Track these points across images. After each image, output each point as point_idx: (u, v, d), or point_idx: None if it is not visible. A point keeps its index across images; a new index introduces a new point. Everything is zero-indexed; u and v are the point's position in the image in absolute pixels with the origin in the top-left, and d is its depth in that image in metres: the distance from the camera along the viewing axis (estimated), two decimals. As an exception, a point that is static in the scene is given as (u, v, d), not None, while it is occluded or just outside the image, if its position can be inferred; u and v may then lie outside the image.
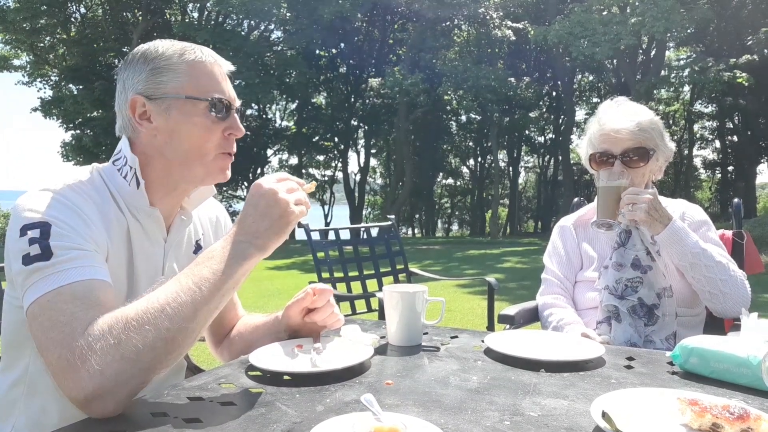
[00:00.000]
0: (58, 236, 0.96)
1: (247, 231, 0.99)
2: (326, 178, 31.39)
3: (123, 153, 1.12)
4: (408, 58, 22.89)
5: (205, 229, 1.34)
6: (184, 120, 1.10)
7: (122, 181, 1.11)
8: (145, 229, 1.14)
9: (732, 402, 0.86)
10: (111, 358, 0.86)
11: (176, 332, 0.90)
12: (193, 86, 1.10)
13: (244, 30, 24.32)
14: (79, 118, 22.03)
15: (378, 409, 0.84)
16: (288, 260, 13.19)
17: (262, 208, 0.99)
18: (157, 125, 1.10)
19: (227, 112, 1.13)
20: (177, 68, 1.10)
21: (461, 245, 18.60)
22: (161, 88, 1.09)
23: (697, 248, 1.61)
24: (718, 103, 24.64)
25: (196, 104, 1.10)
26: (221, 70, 1.16)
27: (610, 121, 1.74)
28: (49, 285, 0.92)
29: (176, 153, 1.11)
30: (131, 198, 1.11)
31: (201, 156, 1.12)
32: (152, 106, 1.10)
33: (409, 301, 1.31)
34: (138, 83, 1.10)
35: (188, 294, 0.92)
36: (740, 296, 1.62)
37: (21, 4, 20.49)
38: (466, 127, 29.54)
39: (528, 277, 9.39)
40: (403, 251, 3.98)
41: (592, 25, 17.47)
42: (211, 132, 1.12)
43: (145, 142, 1.12)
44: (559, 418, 0.89)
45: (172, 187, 1.15)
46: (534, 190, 35.18)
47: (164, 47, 1.12)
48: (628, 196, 1.61)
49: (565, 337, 1.46)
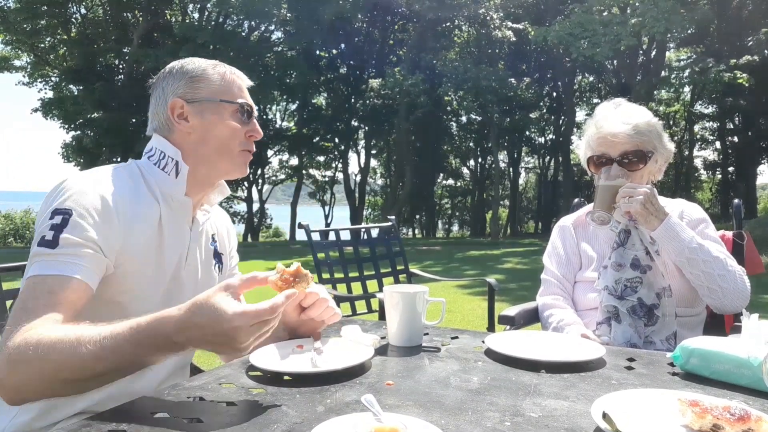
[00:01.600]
0: (74, 227, 1.08)
1: (187, 336, 0.95)
2: (327, 179, 31.41)
3: (158, 148, 1.27)
4: (408, 58, 22.90)
5: (219, 228, 1.47)
6: (217, 120, 1.27)
7: (160, 173, 1.25)
8: (175, 216, 1.27)
9: (733, 403, 0.86)
10: (21, 372, 0.97)
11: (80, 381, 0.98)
12: (225, 92, 1.29)
13: (244, 31, 24.32)
14: (79, 119, 22.01)
15: (378, 410, 0.84)
16: (288, 261, 13.14)
17: (212, 339, 0.94)
18: (192, 124, 1.26)
19: (249, 117, 1.32)
20: (212, 78, 1.29)
21: (462, 246, 18.60)
22: (198, 93, 1.27)
23: (693, 243, 1.61)
24: (718, 104, 24.63)
25: (227, 107, 1.28)
26: (244, 84, 1.35)
27: (607, 124, 1.74)
28: (40, 269, 1.06)
29: (207, 148, 1.27)
30: (169, 187, 1.25)
31: (229, 151, 1.29)
32: (190, 107, 1.27)
33: (410, 301, 1.32)
34: (178, 89, 1.27)
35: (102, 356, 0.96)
36: (739, 291, 1.61)
37: (21, 5, 20.50)
38: (467, 128, 29.53)
39: (528, 277, 9.39)
40: (403, 252, 3.98)
41: (593, 26, 17.47)
42: (238, 131, 1.29)
43: (179, 139, 1.27)
44: (560, 419, 0.89)
45: (199, 180, 1.29)
46: (534, 191, 35.18)
47: (200, 62, 1.31)
48: (625, 189, 1.63)
49: (565, 337, 1.46)
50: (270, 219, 32.55)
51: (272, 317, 0.96)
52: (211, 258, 1.39)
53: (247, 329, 0.92)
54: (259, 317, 0.93)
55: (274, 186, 32.06)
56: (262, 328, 0.95)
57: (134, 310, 1.14)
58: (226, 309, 0.92)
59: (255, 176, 28.21)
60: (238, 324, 0.91)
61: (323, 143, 27.98)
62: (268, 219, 32.09)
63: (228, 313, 0.91)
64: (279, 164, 30.28)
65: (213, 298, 0.94)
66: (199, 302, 0.94)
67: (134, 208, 1.18)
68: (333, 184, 31.75)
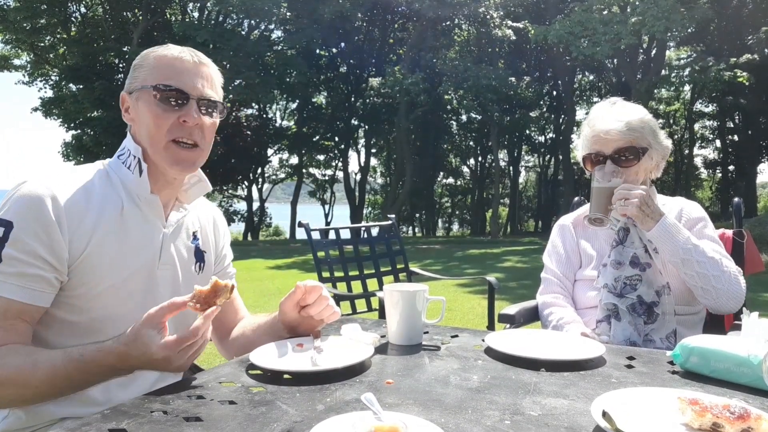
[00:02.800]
0: (16, 241, 1.05)
1: (130, 365, 1.06)
2: (327, 178, 31.40)
3: (126, 146, 1.24)
4: (408, 57, 22.89)
5: (203, 225, 1.40)
6: (143, 108, 1.20)
7: (126, 171, 1.22)
8: (143, 213, 1.23)
9: (732, 401, 0.86)
10: None
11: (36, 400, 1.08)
12: (155, 77, 1.20)
13: (244, 29, 24.31)
14: (79, 118, 22.01)
15: (378, 408, 0.84)
16: (288, 260, 13.21)
17: (148, 363, 1.04)
18: (132, 116, 1.24)
19: (183, 102, 1.19)
20: (147, 64, 1.22)
21: (462, 245, 18.60)
22: (134, 83, 1.23)
23: (688, 244, 1.61)
24: (718, 103, 24.63)
25: (149, 92, 1.19)
26: (187, 65, 1.21)
27: (601, 122, 1.76)
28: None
29: (143, 140, 1.22)
30: (134, 185, 1.21)
31: (155, 143, 1.20)
32: (129, 99, 1.24)
33: (410, 300, 1.32)
34: (127, 81, 1.25)
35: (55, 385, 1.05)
36: (733, 292, 1.61)
37: (21, 4, 20.49)
38: (467, 127, 29.52)
39: (528, 276, 9.39)
40: (403, 250, 3.98)
41: (593, 25, 17.46)
42: (162, 119, 1.19)
43: (134, 134, 1.25)
44: (560, 417, 0.89)
45: (160, 173, 1.24)
46: (534, 190, 35.17)
47: (152, 49, 1.25)
48: (620, 191, 1.63)
49: (565, 336, 1.46)
50: (270, 218, 32.55)
51: (197, 338, 1.05)
52: (191, 256, 1.34)
53: (175, 355, 1.02)
54: (181, 344, 1.03)
55: (274, 185, 32.08)
56: (189, 351, 1.05)
57: (111, 311, 1.17)
58: (150, 344, 1.01)
59: (255, 175, 28.20)
60: (165, 354, 1.01)
61: (323, 142, 27.99)
62: (268, 218, 32.08)
63: (153, 347, 1.01)
64: (279, 163, 30.31)
65: (139, 334, 1.02)
66: (131, 338, 1.03)
67: (90, 211, 1.14)
68: (333, 182, 31.74)
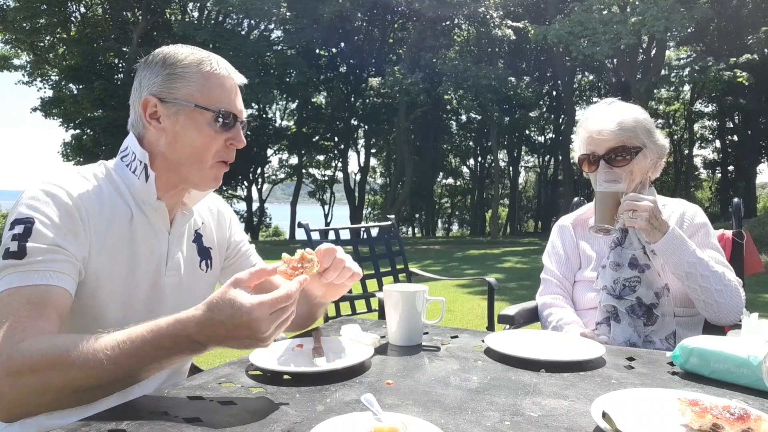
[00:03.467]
0: (38, 236, 1.01)
1: (209, 335, 0.94)
2: (326, 178, 31.41)
3: (131, 149, 1.18)
4: (408, 57, 22.91)
5: (205, 219, 1.37)
6: (190, 126, 1.15)
7: (131, 175, 1.17)
8: (150, 221, 1.19)
9: (732, 402, 0.86)
10: (27, 387, 0.91)
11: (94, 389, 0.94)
12: (204, 96, 1.16)
13: (244, 29, 24.33)
14: (79, 118, 22.01)
15: (378, 409, 0.84)
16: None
17: (235, 333, 0.94)
18: (164, 126, 1.16)
19: (232, 124, 1.19)
20: (191, 77, 1.16)
21: (461, 245, 18.60)
22: (173, 93, 1.15)
23: (693, 258, 1.60)
24: (718, 103, 24.65)
25: (203, 113, 1.15)
26: (233, 83, 1.21)
27: (594, 123, 1.76)
28: (11, 282, 0.98)
29: (178, 155, 1.17)
30: (139, 191, 1.17)
31: (200, 162, 1.18)
32: (163, 108, 1.15)
33: (410, 300, 1.31)
34: (153, 85, 1.16)
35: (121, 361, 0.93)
36: (734, 306, 1.61)
37: (21, 4, 20.47)
38: (466, 127, 29.55)
39: (528, 277, 9.40)
40: (403, 251, 3.98)
41: (593, 25, 17.46)
42: (214, 140, 1.17)
43: (152, 140, 1.18)
44: (560, 418, 0.89)
45: (172, 184, 1.20)
46: (534, 190, 35.20)
47: (184, 54, 1.17)
48: (628, 203, 1.59)
49: (565, 337, 1.46)
50: (269, 218, 32.57)
51: (289, 303, 0.96)
52: (195, 257, 1.31)
53: (267, 318, 0.93)
54: (276, 305, 0.94)
55: (273, 185, 32.09)
56: (281, 316, 0.96)
57: (113, 318, 1.12)
58: (243, 302, 0.92)
59: (255, 175, 28.21)
60: (257, 315, 0.92)
61: (323, 142, 28.00)
62: (268, 218, 32.11)
63: (246, 305, 0.92)
64: (279, 163, 30.33)
65: (228, 294, 0.93)
66: (215, 300, 0.94)
67: (101, 214, 1.11)
68: (333, 183, 31.76)
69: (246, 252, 1.46)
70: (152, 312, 1.12)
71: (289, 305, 0.97)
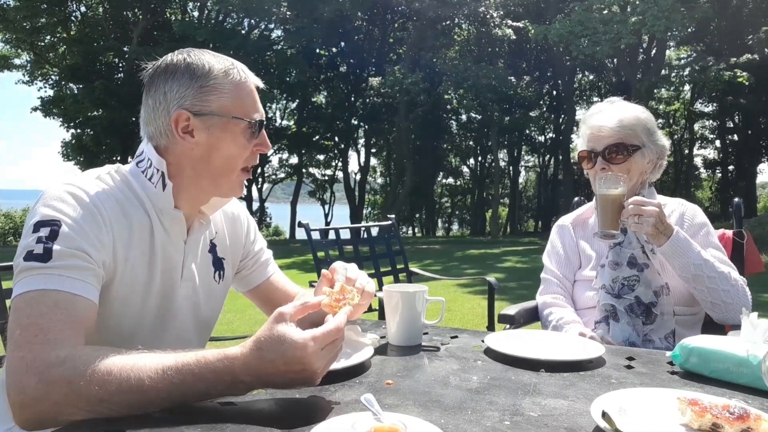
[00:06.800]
0: (65, 238, 0.98)
1: (256, 374, 0.89)
2: (326, 178, 31.40)
3: (147, 156, 1.15)
4: (408, 57, 22.89)
5: (219, 229, 1.34)
6: (225, 138, 1.14)
7: (147, 183, 1.14)
8: (166, 229, 1.17)
9: (732, 402, 0.86)
10: (62, 396, 0.86)
11: (123, 408, 0.87)
12: (237, 107, 1.14)
13: (244, 29, 24.32)
14: (79, 118, 22.00)
15: (378, 409, 0.84)
16: (288, 260, 13.19)
17: (285, 370, 0.89)
18: (198, 140, 1.13)
19: (260, 130, 1.19)
20: (223, 88, 1.13)
21: (461, 245, 18.59)
22: (208, 106, 1.12)
23: (699, 260, 1.59)
24: (718, 102, 24.63)
25: (238, 124, 1.14)
26: (254, 88, 1.20)
27: (595, 120, 1.77)
28: (38, 284, 0.95)
29: (209, 167, 1.15)
30: (156, 199, 1.14)
31: (231, 171, 1.17)
32: (197, 122, 1.12)
33: (409, 300, 1.31)
34: (184, 98, 1.12)
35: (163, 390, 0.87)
36: (742, 304, 1.60)
37: (21, 3, 20.45)
38: (467, 127, 29.53)
39: (528, 276, 9.39)
40: (403, 251, 3.98)
41: (593, 24, 17.45)
42: (245, 149, 1.17)
43: (180, 152, 1.14)
44: (559, 418, 0.89)
45: (194, 195, 1.18)
46: (534, 190, 35.19)
47: (211, 63, 1.14)
48: (633, 207, 1.57)
49: (565, 336, 1.46)
50: (270, 218, 32.57)
51: (339, 337, 0.95)
52: (209, 267, 1.29)
53: (318, 353, 0.90)
54: (328, 338, 0.92)
55: (273, 185, 32.10)
56: (333, 351, 0.94)
57: (123, 326, 1.10)
58: (295, 337, 0.89)
59: (255, 175, 28.19)
60: (311, 350, 0.89)
61: (323, 142, 27.99)
62: (268, 218, 32.10)
63: (299, 341, 0.88)
64: (279, 163, 30.30)
65: (276, 330, 0.90)
66: (263, 337, 0.90)
67: (124, 221, 1.09)
68: (333, 182, 31.76)
69: (265, 262, 1.44)
70: (162, 323, 1.11)
71: (339, 339, 0.95)
